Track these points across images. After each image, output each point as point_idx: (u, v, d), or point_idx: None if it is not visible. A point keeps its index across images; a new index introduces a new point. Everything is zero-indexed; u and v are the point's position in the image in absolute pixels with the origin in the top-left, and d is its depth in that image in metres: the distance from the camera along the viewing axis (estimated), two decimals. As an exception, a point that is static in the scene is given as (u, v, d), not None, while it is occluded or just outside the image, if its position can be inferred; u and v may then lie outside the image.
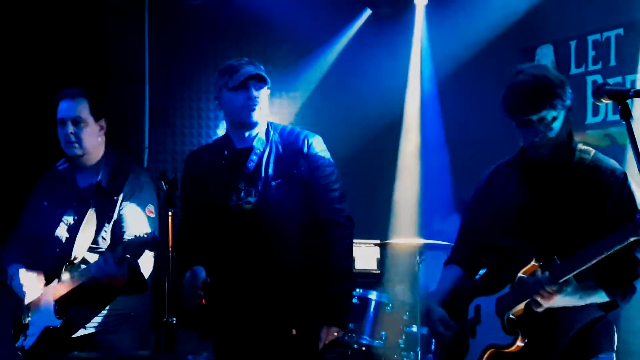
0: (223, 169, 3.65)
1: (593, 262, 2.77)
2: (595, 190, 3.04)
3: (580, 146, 3.18)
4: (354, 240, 5.79)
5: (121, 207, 3.87)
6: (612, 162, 3.16)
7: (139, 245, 3.55)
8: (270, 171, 3.61)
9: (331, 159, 3.70)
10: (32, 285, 3.80)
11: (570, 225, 3.02)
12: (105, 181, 3.93)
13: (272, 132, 3.70)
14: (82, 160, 3.95)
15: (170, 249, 3.16)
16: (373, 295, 4.99)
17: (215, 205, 3.61)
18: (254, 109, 3.58)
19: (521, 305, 2.99)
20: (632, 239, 2.65)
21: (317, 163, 3.63)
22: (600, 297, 2.96)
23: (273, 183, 3.58)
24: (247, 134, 3.67)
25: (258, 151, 3.64)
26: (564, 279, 2.82)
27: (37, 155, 4.82)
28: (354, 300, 4.97)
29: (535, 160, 3.18)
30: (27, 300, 3.81)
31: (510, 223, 3.18)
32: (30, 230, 3.99)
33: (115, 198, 3.88)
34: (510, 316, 3.02)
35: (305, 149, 3.63)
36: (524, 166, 3.23)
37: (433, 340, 4.64)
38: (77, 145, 3.89)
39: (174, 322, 3.10)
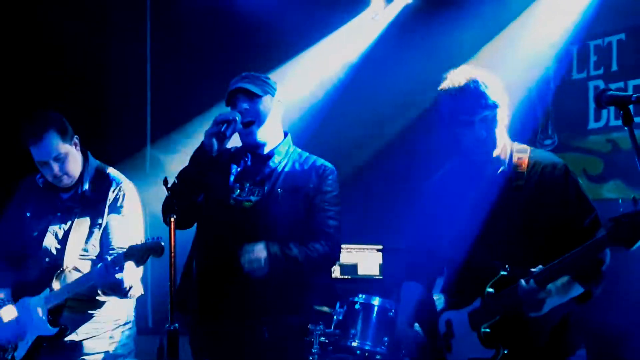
0: (236, 169, 3.68)
1: (570, 268, 2.84)
2: (542, 189, 3.08)
3: (516, 145, 3.22)
4: (358, 246, 5.89)
5: (108, 214, 3.87)
6: (551, 157, 3.23)
7: (144, 251, 3.53)
8: (281, 179, 3.63)
9: (339, 194, 3.67)
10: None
11: (526, 229, 3.05)
12: (89, 190, 3.91)
13: (291, 150, 3.74)
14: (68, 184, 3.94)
15: (172, 255, 3.15)
16: (376, 301, 4.98)
17: (216, 195, 3.62)
18: (248, 127, 3.58)
19: (496, 318, 3.01)
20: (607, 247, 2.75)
21: (327, 188, 3.63)
22: (577, 290, 3.00)
23: (279, 190, 3.60)
24: (262, 143, 3.68)
25: (276, 160, 3.67)
26: (550, 283, 2.86)
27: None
28: (356, 307, 4.97)
29: (478, 167, 3.20)
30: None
31: (464, 235, 3.17)
32: (12, 241, 3.95)
33: (101, 205, 3.87)
34: (486, 329, 3.03)
35: (321, 172, 3.66)
36: (468, 175, 3.24)
37: None
38: (65, 176, 3.86)
39: (177, 328, 3.09)
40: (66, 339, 3.78)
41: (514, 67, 5.39)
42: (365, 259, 5.99)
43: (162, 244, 3.45)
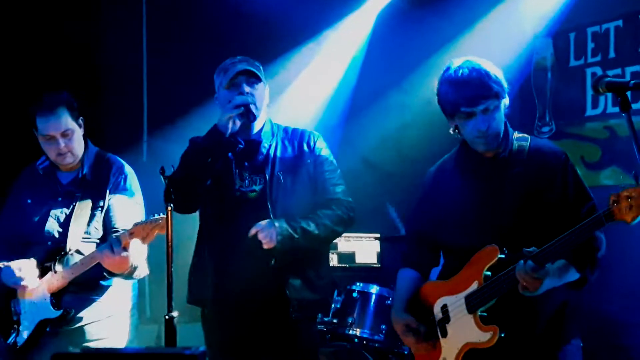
0: (231, 157, 3.68)
1: (571, 248, 2.83)
2: (541, 176, 3.09)
3: (516, 134, 3.22)
4: (356, 234, 5.90)
5: (109, 198, 3.88)
6: (551, 145, 3.25)
7: (149, 228, 3.53)
8: (278, 162, 3.68)
9: (333, 157, 3.79)
10: (28, 272, 3.76)
11: (524, 215, 3.06)
12: (90, 174, 3.94)
13: (276, 129, 3.79)
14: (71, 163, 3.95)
15: (169, 244, 3.16)
16: (374, 289, 4.99)
17: (219, 184, 3.66)
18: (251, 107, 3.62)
19: (493, 301, 3.02)
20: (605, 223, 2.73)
21: (322, 159, 3.73)
22: (573, 275, 3.01)
23: (280, 174, 3.64)
24: (250, 128, 3.72)
25: (267, 144, 3.71)
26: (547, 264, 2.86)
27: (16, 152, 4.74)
28: (354, 295, 4.97)
29: (479, 154, 3.20)
30: (31, 286, 3.76)
31: (463, 221, 3.19)
32: (13, 228, 3.96)
33: (102, 188, 3.89)
34: (483, 313, 3.04)
35: (312, 144, 3.74)
36: (468, 162, 3.25)
37: (405, 348, 4.68)
38: (69, 154, 3.89)
39: (174, 317, 3.10)
40: (69, 325, 3.78)
41: (507, 52, 5.41)
42: (363, 247, 6.00)
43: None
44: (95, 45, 6.15)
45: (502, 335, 2.98)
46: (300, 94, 6.38)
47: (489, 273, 3.04)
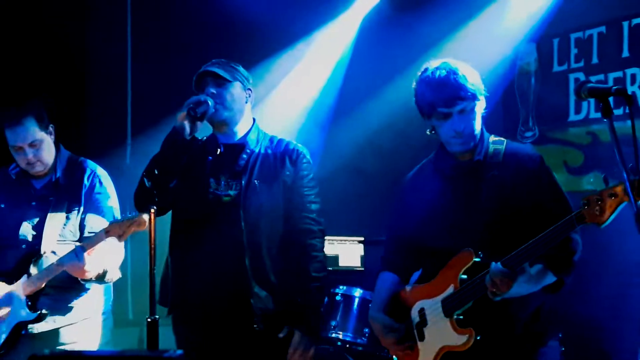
0: (210, 160, 3.65)
1: (543, 251, 2.84)
2: (517, 179, 3.10)
3: (492, 138, 3.24)
4: (340, 237, 5.91)
5: (83, 201, 3.88)
6: (527, 148, 3.29)
7: (126, 225, 3.53)
8: (256, 170, 3.62)
9: (315, 176, 3.73)
10: None
11: (499, 218, 3.07)
12: (63, 178, 3.94)
13: (262, 136, 3.74)
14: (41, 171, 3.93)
15: (152, 246, 3.14)
16: (357, 293, 4.99)
17: (192, 187, 3.62)
18: (217, 108, 3.57)
19: (469, 304, 3.02)
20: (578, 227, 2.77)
21: (303, 173, 3.66)
22: (549, 279, 3.03)
23: (256, 182, 3.59)
24: (232, 131, 3.68)
25: (249, 150, 3.66)
26: (519, 267, 2.88)
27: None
28: (337, 298, 4.98)
29: (454, 158, 3.21)
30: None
31: (440, 224, 3.20)
32: None
33: (77, 191, 3.90)
34: (459, 316, 3.04)
35: (294, 157, 3.67)
36: (445, 165, 3.25)
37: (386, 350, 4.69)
38: (38, 163, 3.88)
39: (157, 320, 3.09)
40: (44, 327, 3.77)
41: (491, 57, 5.43)
42: (346, 250, 6.00)
43: (144, 216, 3.45)
44: (79, 47, 6.12)
45: (478, 338, 2.99)
46: (285, 97, 6.37)
47: (464, 276, 3.04)
